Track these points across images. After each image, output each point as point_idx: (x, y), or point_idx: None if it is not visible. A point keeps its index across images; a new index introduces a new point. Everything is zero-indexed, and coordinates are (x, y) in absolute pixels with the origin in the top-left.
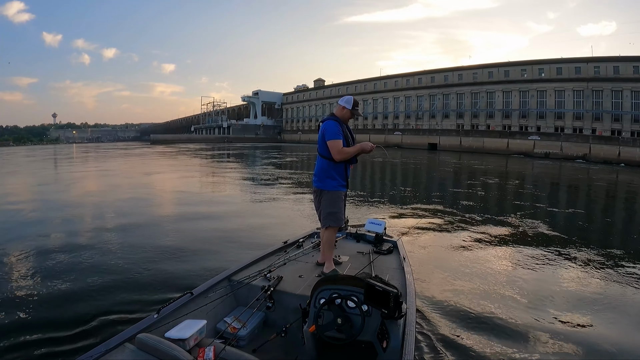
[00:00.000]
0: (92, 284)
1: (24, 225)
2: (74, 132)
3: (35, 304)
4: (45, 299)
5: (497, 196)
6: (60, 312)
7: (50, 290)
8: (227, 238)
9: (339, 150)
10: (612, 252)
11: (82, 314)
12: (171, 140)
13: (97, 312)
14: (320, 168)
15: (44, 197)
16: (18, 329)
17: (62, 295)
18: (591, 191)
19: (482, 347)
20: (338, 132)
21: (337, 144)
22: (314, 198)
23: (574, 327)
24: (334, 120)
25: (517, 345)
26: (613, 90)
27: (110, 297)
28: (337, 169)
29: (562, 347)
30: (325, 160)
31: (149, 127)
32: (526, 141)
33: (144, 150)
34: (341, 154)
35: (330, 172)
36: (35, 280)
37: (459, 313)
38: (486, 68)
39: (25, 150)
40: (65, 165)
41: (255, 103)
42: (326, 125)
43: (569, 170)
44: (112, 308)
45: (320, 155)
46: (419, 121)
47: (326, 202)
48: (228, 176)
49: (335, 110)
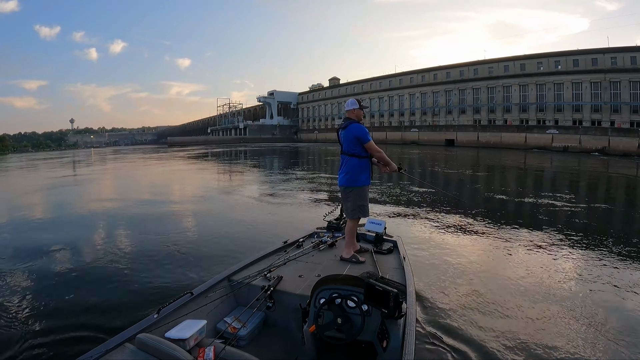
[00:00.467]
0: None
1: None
2: (92, 136)
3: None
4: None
5: (509, 194)
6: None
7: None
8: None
9: (378, 149)
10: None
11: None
12: (188, 142)
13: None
14: (352, 165)
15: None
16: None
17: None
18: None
19: (483, 347)
20: (368, 133)
21: (374, 145)
22: (342, 194)
23: (580, 329)
24: (357, 122)
25: (517, 345)
26: (631, 81)
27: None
28: (366, 166)
29: (563, 348)
30: (356, 159)
31: (166, 130)
32: (544, 135)
33: (170, 155)
34: (379, 153)
35: (362, 169)
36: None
37: (460, 313)
38: (502, 62)
39: (56, 155)
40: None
41: (270, 103)
42: (356, 129)
43: (590, 164)
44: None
45: (349, 154)
46: (435, 117)
47: (355, 196)
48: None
49: (348, 114)
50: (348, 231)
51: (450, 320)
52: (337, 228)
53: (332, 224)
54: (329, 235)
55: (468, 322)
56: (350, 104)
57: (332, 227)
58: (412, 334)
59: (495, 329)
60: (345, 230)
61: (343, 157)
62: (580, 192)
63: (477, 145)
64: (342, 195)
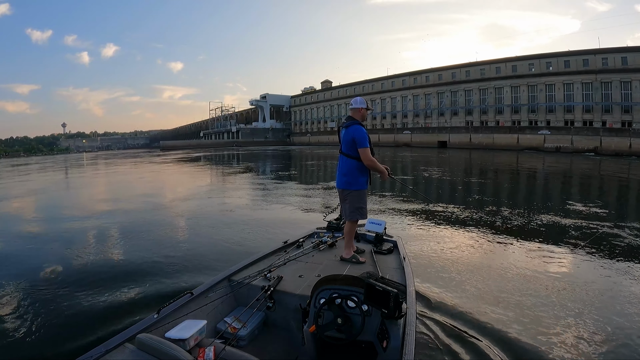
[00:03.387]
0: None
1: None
2: (84, 141)
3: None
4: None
5: (505, 194)
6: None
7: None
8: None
9: (370, 159)
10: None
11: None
12: (180, 146)
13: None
14: (350, 167)
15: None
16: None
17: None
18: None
19: (483, 347)
20: (367, 139)
21: (368, 153)
22: (339, 196)
23: (580, 334)
24: (359, 124)
25: (517, 346)
26: (622, 81)
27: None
28: (365, 169)
29: (563, 348)
30: (354, 161)
31: (158, 134)
32: (536, 136)
33: (167, 159)
34: (370, 162)
35: (361, 171)
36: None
37: (460, 313)
38: (494, 64)
39: (49, 161)
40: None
41: (263, 107)
42: (355, 130)
43: (582, 164)
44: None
45: (347, 156)
46: (427, 119)
47: (354, 198)
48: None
49: (352, 113)
50: (347, 233)
51: (451, 320)
52: (337, 228)
53: (332, 224)
54: (329, 235)
55: (468, 322)
56: (359, 102)
57: (332, 227)
58: (412, 334)
59: (495, 329)
60: (344, 231)
61: (341, 158)
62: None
63: (469, 146)
64: (340, 197)
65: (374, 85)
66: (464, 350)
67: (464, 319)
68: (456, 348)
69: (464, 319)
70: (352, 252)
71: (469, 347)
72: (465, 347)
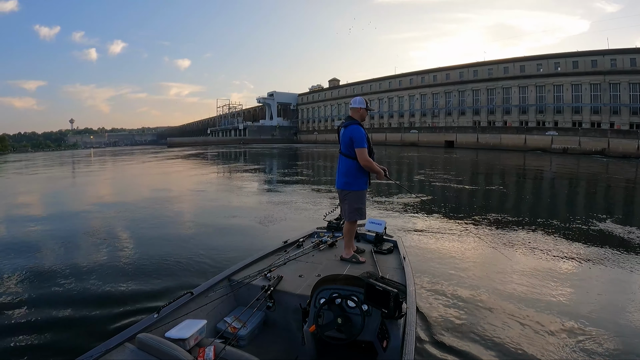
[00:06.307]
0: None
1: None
2: (92, 137)
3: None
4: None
5: (509, 195)
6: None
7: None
8: None
9: (367, 159)
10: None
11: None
12: (187, 143)
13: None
14: (349, 167)
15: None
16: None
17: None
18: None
19: (483, 347)
20: (364, 139)
21: (365, 153)
22: (339, 196)
23: (576, 333)
24: (358, 124)
25: (517, 346)
26: (631, 83)
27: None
28: (364, 169)
29: (564, 349)
30: (354, 161)
31: (165, 131)
32: (544, 137)
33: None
34: (366, 163)
35: (359, 172)
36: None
37: (460, 313)
38: (501, 64)
39: (65, 157)
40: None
41: (270, 104)
42: (353, 130)
43: (590, 166)
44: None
45: (346, 156)
46: (435, 119)
47: (353, 198)
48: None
49: (352, 113)
50: (346, 233)
51: (451, 320)
52: (337, 228)
53: (332, 224)
54: (329, 235)
55: (468, 322)
56: (358, 102)
57: (332, 227)
58: (412, 334)
59: (495, 329)
60: (344, 231)
61: (341, 158)
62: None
63: (476, 146)
64: (340, 197)
65: (382, 84)
66: (465, 350)
67: (465, 318)
68: (457, 348)
69: (466, 319)
70: (352, 252)
71: (470, 347)
72: (466, 347)
